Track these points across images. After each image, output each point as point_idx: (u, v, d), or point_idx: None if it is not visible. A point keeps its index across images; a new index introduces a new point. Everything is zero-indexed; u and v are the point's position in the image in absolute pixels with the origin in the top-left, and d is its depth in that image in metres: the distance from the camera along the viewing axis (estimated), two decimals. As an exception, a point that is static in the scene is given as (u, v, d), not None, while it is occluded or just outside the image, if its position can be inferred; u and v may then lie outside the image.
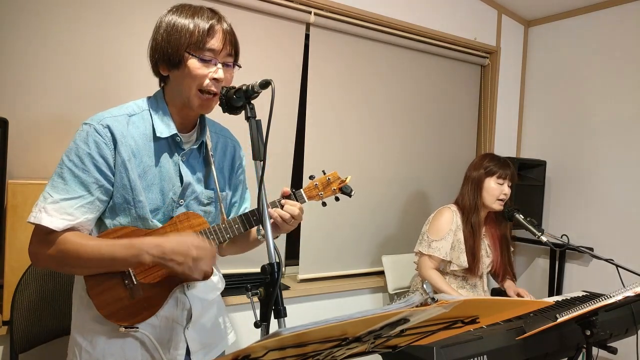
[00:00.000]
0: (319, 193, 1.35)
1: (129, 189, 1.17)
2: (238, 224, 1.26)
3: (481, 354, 1.48)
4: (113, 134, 1.15)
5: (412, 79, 2.94)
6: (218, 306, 1.45)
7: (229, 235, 1.26)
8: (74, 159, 1.13)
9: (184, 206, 1.26)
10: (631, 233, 2.83)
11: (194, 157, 1.29)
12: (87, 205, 1.14)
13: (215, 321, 1.42)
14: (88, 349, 1.21)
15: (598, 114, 3.02)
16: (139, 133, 1.20)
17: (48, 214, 1.10)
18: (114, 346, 1.21)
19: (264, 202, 1.06)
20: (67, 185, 1.12)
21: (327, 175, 1.37)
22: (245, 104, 1.14)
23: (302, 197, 1.33)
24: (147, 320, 1.22)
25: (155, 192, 1.21)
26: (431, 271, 2.27)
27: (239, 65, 1.26)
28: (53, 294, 1.68)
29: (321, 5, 2.47)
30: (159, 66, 1.21)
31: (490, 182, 2.28)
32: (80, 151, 1.13)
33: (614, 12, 2.94)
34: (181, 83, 1.19)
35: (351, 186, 1.38)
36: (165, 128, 1.22)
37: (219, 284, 1.43)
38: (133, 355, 1.23)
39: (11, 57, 1.80)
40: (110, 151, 1.15)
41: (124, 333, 1.20)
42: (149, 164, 1.20)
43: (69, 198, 1.12)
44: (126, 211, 1.19)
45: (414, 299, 0.75)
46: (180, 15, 1.18)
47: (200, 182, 1.29)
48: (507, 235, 2.42)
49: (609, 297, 1.56)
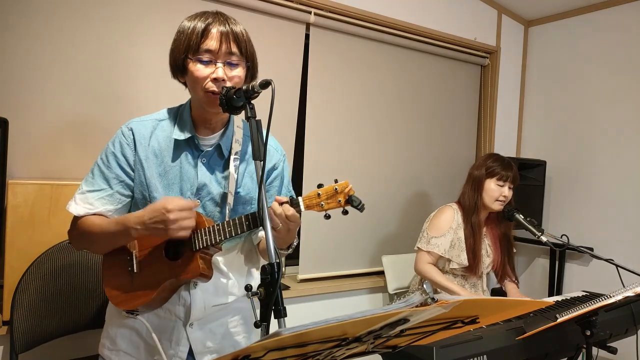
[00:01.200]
0: (320, 203, 1.16)
1: (145, 186, 1.27)
2: (231, 226, 1.25)
3: (481, 354, 1.48)
4: (134, 135, 1.27)
5: (412, 79, 2.94)
6: (234, 312, 1.41)
7: (221, 237, 1.24)
8: (103, 157, 1.28)
9: (200, 206, 1.28)
10: (631, 233, 2.83)
11: (215, 159, 1.31)
12: (107, 198, 1.27)
13: (226, 327, 1.39)
14: (107, 328, 1.38)
15: (598, 113, 3.02)
16: (164, 136, 1.29)
17: (75, 202, 1.27)
18: (123, 329, 1.33)
19: (264, 203, 1.06)
20: (93, 179, 1.28)
21: (334, 185, 1.15)
22: (246, 104, 1.14)
23: (299, 205, 1.16)
24: (151, 310, 1.29)
25: (175, 191, 1.28)
26: (427, 265, 2.27)
27: (249, 64, 1.28)
28: (53, 294, 1.68)
29: (321, 5, 2.47)
30: (176, 74, 1.27)
31: (491, 184, 2.27)
32: (108, 150, 1.28)
33: (614, 12, 2.94)
34: (192, 88, 1.25)
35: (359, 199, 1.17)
36: (183, 131, 1.28)
37: (233, 288, 1.38)
38: (137, 341, 1.32)
39: (11, 57, 1.80)
40: (131, 151, 1.27)
41: (127, 317, 1.31)
42: (170, 165, 1.28)
43: (93, 190, 1.27)
44: (145, 206, 1.23)
45: (413, 299, 0.75)
46: (186, 21, 1.23)
47: (219, 183, 1.31)
48: (508, 235, 2.42)
49: (609, 297, 1.55)
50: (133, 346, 1.32)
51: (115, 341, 1.33)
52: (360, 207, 1.14)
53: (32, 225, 1.66)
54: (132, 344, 1.32)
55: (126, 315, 1.31)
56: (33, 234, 1.67)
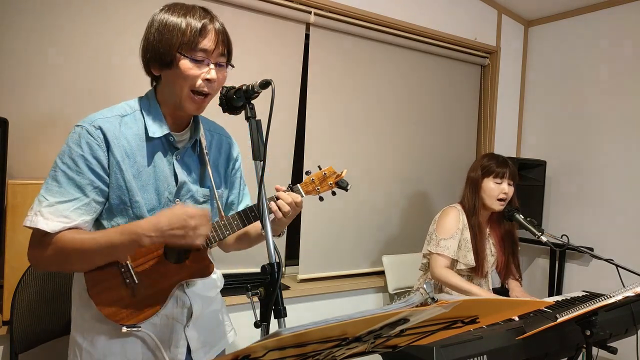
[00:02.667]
0: (316, 188, 1.35)
1: (124, 189, 1.17)
2: (237, 220, 1.26)
3: (481, 354, 1.48)
4: (105, 135, 1.15)
5: (412, 79, 2.94)
6: (218, 304, 1.45)
7: (228, 232, 1.25)
8: (68, 162, 1.13)
9: (182, 203, 1.26)
10: (631, 233, 2.83)
11: (189, 155, 1.29)
12: (83, 207, 1.14)
13: (215, 319, 1.42)
14: (89, 349, 1.21)
15: (598, 113, 3.02)
16: (132, 133, 1.20)
17: (44, 217, 1.10)
18: (115, 346, 1.21)
19: (264, 202, 1.06)
20: (61, 188, 1.12)
21: (322, 170, 1.37)
22: (245, 104, 1.14)
23: (300, 192, 1.33)
24: (148, 319, 1.22)
25: (150, 192, 1.21)
26: (444, 269, 2.22)
27: (232, 65, 1.25)
28: (53, 294, 1.68)
29: (321, 5, 2.47)
30: (150, 66, 1.20)
31: (489, 183, 2.27)
32: (74, 153, 1.13)
33: (614, 12, 2.94)
34: (173, 83, 1.18)
35: (347, 180, 1.39)
36: (158, 128, 1.21)
37: (218, 281, 1.43)
38: (134, 355, 1.22)
39: (11, 57, 1.80)
40: (103, 152, 1.15)
41: (125, 333, 1.19)
42: (143, 164, 1.20)
43: (65, 201, 1.12)
44: (123, 212, 1.19)
45: (413, 299, 0.75)
46: (172, 14, 1.17)
47: (195, 180, 1.29)
48: (512, 233, 2.40)
49: (609, 297, 1.55)
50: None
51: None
52: (347, 188, 1.37)
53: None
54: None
55: (126, 331, 1.19)
56: (33, 234, 1.67)
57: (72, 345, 1.25)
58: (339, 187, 1.38)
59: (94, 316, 1.20)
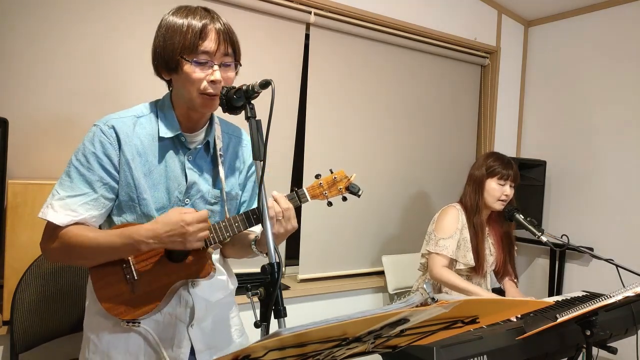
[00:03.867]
0: (324, 192, 1.29)
1: (132, 187, 1.21)
2: (238, 222, 1.26)
3: (481, 354, 1.48)
4: (117, 134, 1.20)
5: (412, 79, 2.94)
6: (228, 307, 1.43)
7: (229, 233, 1.25)
8: (81, 158, 1.19)
9: (189, 205, 1.27)
10: (631, 233, 2.83)
11: (201, 156, 1.30)
12: (91, 203, 1.19)
13: (223, 323, 1.40)
14: (95, 342, 1.26)
15: (598, 113, 3.02)
16: (145, 133, 1.24)
17: (54, 210, 1.16)
18: (118, 340, 1.25)
19: (264, 202, 1.07)
20: (72, 183, 1.18)
21: (333, 174, 1.30)
22: (246, 104, 1.13)
23: (305, 196, 1.28)
24: (151, 317, 1.24)
25: (161, 190, 1.24)
26: (442, 269, 2.22)
27: (240, 63, 1.25)
28: (53, 294, 1.68)
29: (321, 5, 2.47)
30: (160, 71, 1.24)
31: (492, 183, 2.26)
32: (87, 151, 1.19)
33: (614, 12, 2.94)
34: (182, 87, 1.20)
35: (358, 185, 1.31)
36: (169, 128, 1.25)
37: (228, 283, 1.42)
38: (136, 350, 1.26)
39: (11, 57, 1.80)
40: (115, 150, 1.19)
41: (126, 328, 1.23)
42: (154, 163, 1.24)
43: (74, 195, 1.18)
44: (131, 209, 1.22)
45: (414, 299, 0.75)
46: (175, 17, 1.19)
47: (207, 181, 1.30)
48: (509, 233, 2.41)
49: (609, 297, 1.55)
50: (132, 357, 1.26)
51: (109, 355, 1.25)
52: (359, 194, 1.29)
53: (32, 225, 1.66)
54: (130, 355, 1.26)
55: (127, 326, 1.23)
56: (33, 234, 1.66)
57: (84, 338, 1.31)
58: (350, 192, 1.30)
59: (99, 311, 1.24)
